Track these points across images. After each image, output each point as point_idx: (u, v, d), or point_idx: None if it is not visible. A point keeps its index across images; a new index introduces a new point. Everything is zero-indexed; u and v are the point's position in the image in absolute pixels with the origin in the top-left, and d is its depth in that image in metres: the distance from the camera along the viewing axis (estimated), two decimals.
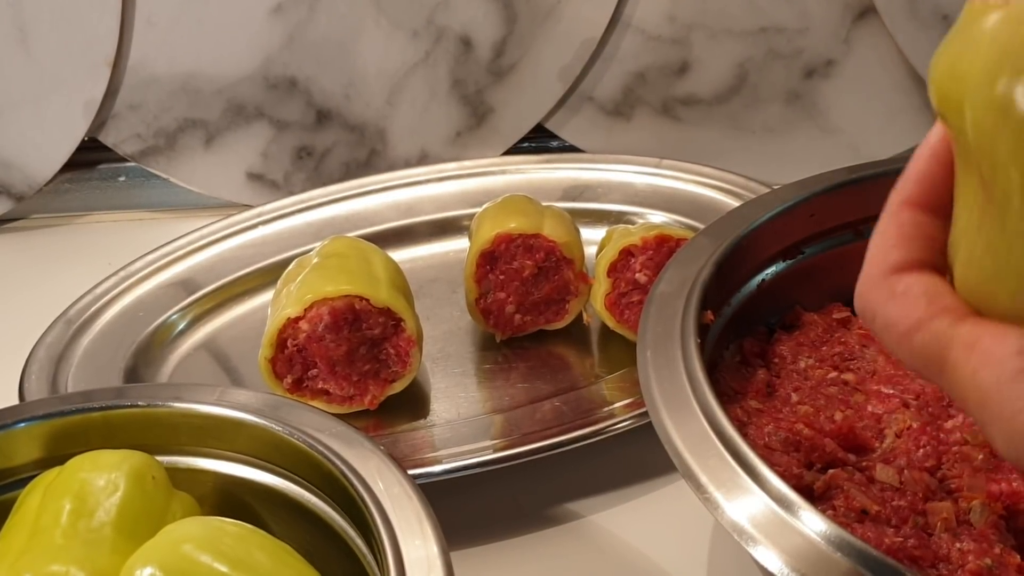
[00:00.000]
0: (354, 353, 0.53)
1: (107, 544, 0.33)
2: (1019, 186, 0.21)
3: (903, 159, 0.27)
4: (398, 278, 0.58)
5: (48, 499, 0.35)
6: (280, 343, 0.53)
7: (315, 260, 0.57)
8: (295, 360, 0.53)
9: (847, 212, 0.51)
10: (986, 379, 0.22)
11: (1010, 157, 0.21)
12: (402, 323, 0.54)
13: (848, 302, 0.51)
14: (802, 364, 0.47)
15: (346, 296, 0.52)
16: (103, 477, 0.35)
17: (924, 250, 0.25)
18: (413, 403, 0.57)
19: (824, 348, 0.48)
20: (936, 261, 0.25)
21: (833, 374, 0.46)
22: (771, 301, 0.50)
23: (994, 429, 0.22)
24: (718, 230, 0.49)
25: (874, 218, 0.27)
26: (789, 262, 0.51)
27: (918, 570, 0.35)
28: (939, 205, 0.25)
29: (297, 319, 0.52)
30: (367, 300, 0.53)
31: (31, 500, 0.36)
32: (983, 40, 0.21)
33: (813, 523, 0.31)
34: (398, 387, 0.55)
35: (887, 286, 0.24)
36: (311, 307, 0.52)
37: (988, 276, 0.23)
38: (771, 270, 0.50)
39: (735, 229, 0.48)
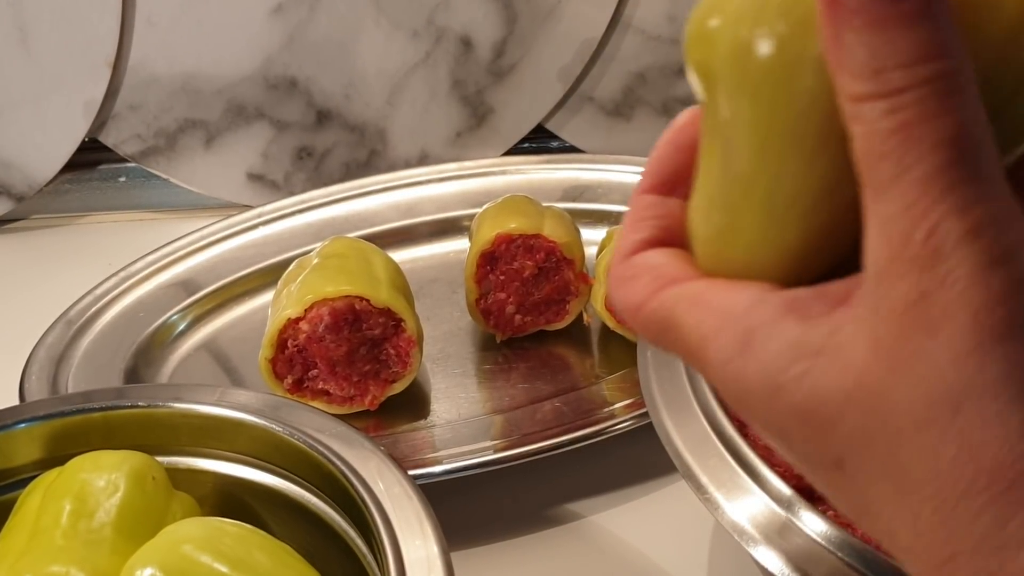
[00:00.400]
0: (354, 353, 0.53)
1: (107, 545, 0.33)
2: (744, 123, 0.21)
3: None
4: (398, 278, 0.58)
5: (48, 500, 0.35)
6: (280, 343, 0.53)
7: (315, 261, 0.57)
8: (295, 360, 0.53)
9: None
10: (707, 328, 0.21)
11: (738, 94, 0.21)
12: (402, 323, 0.54)
13: None
14: None
15: (346, 296, 0.52)
16: (103, 478, 0.35)
17: (655, 229, 0.25)
18: (413, 403, 0.57)
19: None
20: (669, 236, 0.25)
21: None
22: None
23: (713, 374, 0.22)
24: None
25: None
26: None
27: None
28: (673, 185, 0.25)
29: (297, 319, 0.52)
30: (367, 300, 0.53)
31: (31, 501, 0.36)
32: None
33: (813, 523, 0.31)
34: (398, 387, 0.55)
35: (621, 271, 0.25)
36: (311, 307, 0.52)
37: (719, 233, 0.23)
38: None
39: None
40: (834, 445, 0.20)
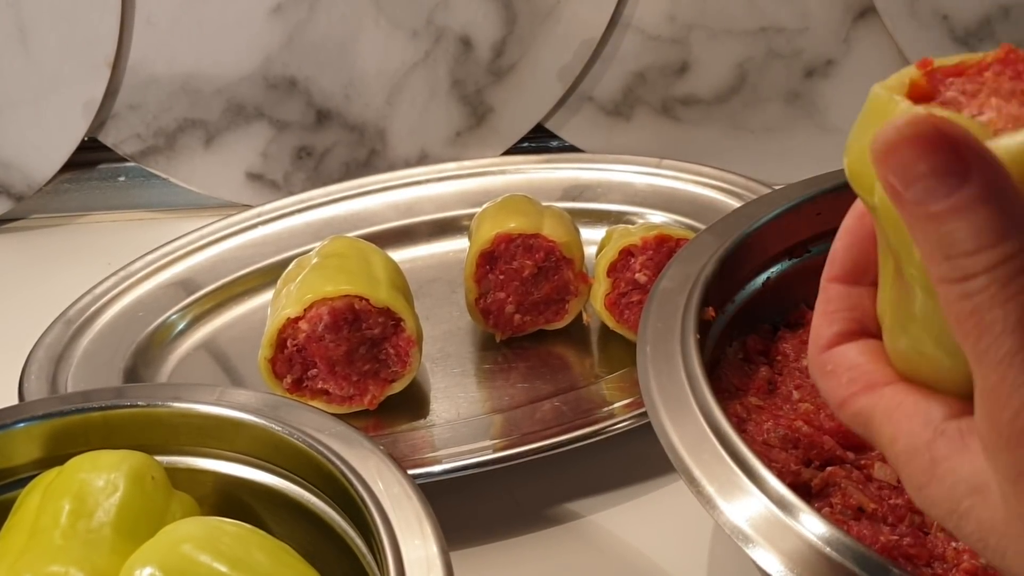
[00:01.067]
0: (354, 353, 0.53)
1: (106, 544, 0.33)
2: (920, 273, 0.22)
3: None
4: (398, 278, 0.58)
5: (48, 499, 0.35)
6: (280, 343, 0.53)
7: (315, 260, 0.57)
8: (295, 360, 0.53)
9: None
10: (900, 449, 0.24)
11: (898, 229, 0.22)
12: (402, 323, 0.54)
13: None
14: (804, 362, 0.47)
15: (346, 296, 0.52)
16: (102, 477, 0.35)
17: (849, 321, 0.27)
18: (413, 403, 0.57)
19: None
20: (864, 327, 0.27)
21: None
22: (776, 299, 0.50)
23: (911, 492, 0.24)
24: (723, 228, 0.49)
25: None
26: (795, 260, 0.51)
27: (913, 568, 0.35)
28: (860, 275, 0.27)
29: (297, 319, 0.52)
30: (367, 300, 0.53)
31: (30, 500, 0.36)
32: None
33: (811, 525, 0.31)
34: (398, 387, 0.55)
35: (820, 364, 0.27)
36: (311, 307, 0.52)
37: (908, 347, 0.25)
38: (776, 268, 0.50)
39: (739, 227, 0.48)
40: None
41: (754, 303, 0.49)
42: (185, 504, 0.37)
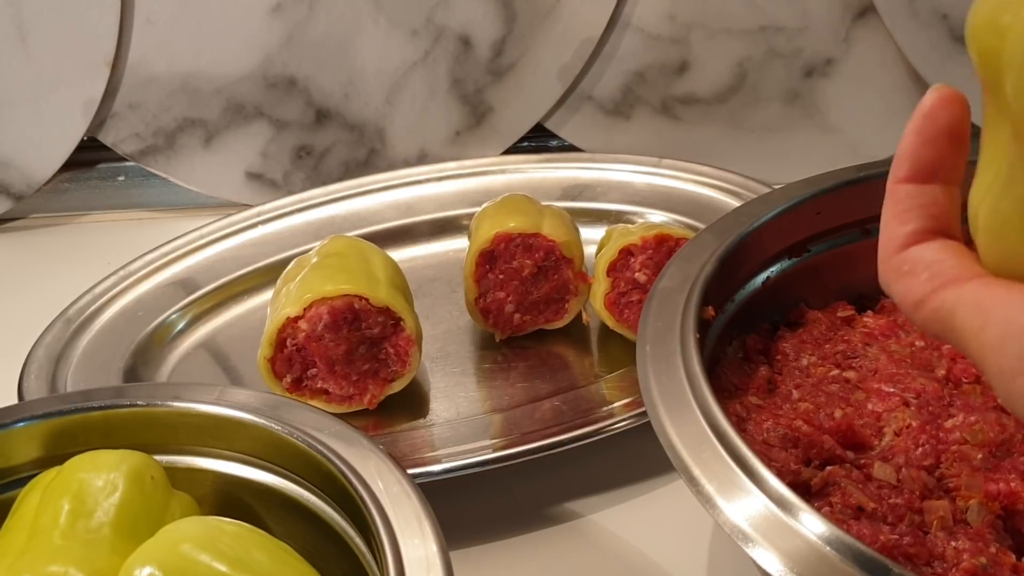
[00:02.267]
0: (353, 352, 0.53)
1: (106, 544, 0.33)
2: None
3: None
4: (397, 277, 0.58)
5: (47, 499, 0.35)
6: (279, 342, 0.53)
7: (314, 259, 0.57)
8: (294, 359, 0.53)
9: (854, 210, 0.51)
10: (991, 337, 0.22)
11: None
12: (401, 322, 0.54)
13: (854, 300, 0.52)
14: (804, 361, 0.47)
15: (345, 295, 0.52)
16: (102, 477, 0.35)
17: (923, 219, 0.26)
18: (412, 402, 0.57)
19: (827, 346, 0.48)
20: (939, 226, 0.25)
21: (835, 372, 0.46)
22: (776, 299, 0.50)
23: (997, 384, 0.22)
24: (722, 227, 0.49)
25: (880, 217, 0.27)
26: (795, 260, 0.51)
27: (912, 568, 0.35)
28: (932, 174, 0.26)
29: (296, 318, 0.52)
30: (366, 299, 0.53)
31: (30, 500, 0.36)
32: None
33: (811, 524, 0.31)
34: (397, 386, 0.55)
35: (895, 265, 0.25)
36: (310, 306, 0.52)
37: (1006, 225, 0.23)
38: (776, 267, 0.50)
39: (739, 226, 0.48)
40: None
41: (754, 302, 0.49)
42: (184, 504, 0.37)
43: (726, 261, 0.46)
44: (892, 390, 0.44)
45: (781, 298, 0.51)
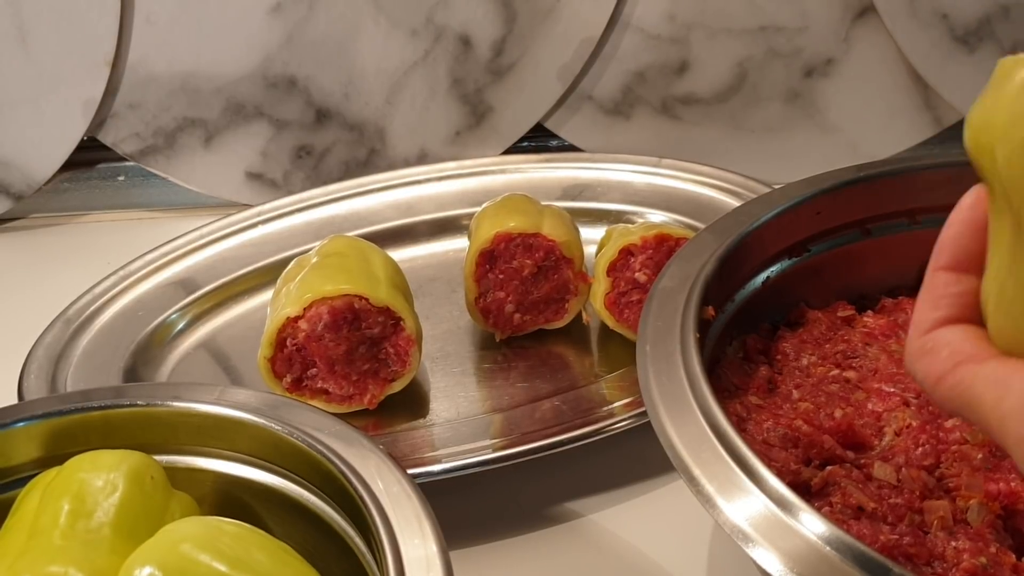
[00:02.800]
0: (353, 352, 0.53)
1: (106, 544, 0.33)
2: None
3: (909, 158, 0.28)
4: (397, 277, 0.58)
5: (47, 499, 0.35)
6: (279, 342, 0.53)
7: (314, 259, 0.57)
8: (294, 359, 0.53)
9: (854, 211, 0.51)
10: (1010, 406, 0.24)
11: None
12: (401, 322, 0.54)
13: (854, 300, 0.51)
14: (804, 361, 0.47)
15: (345, 295, 0.52)
16: (102, 477, 0.35)
17: (954, 307, 0.27)
18: (412, 402, 0.57)
19: (827, 346, 0.48)
20: (967, 314, 0.27)
21: (835, 371, 0.46)
22: (776, 298, 0.50)
23: (1017, 452, 0.24)
24: (723, 227, 0.49)
25: (881, 216, 0.28)
26: (795, 260, 0.51)
27: (912, 568, 0.35)
28: (968, 264, 0.28)
29: (296, 318, 0.52)
30: (366, 299, 0.53)
31: (30, 500, 0.36)
32: (1012, 92, 0.23)
33: (811, 524, 0.31)
34: (397, 386, 0.55)
35: (919, 345, 0.27)
36: (310, 306, 0.52)
37: (1010, 315, 0.25)
38: (776, 267, 0.50)
39: (739, 226, 0.48)
40: None
41: (754, 302, 0.49)
42: (184, 504, 0.37)
43: (726, 261, 0.46)
44: (892, 390, 0.44)
45: (781, 298, 0.51)
